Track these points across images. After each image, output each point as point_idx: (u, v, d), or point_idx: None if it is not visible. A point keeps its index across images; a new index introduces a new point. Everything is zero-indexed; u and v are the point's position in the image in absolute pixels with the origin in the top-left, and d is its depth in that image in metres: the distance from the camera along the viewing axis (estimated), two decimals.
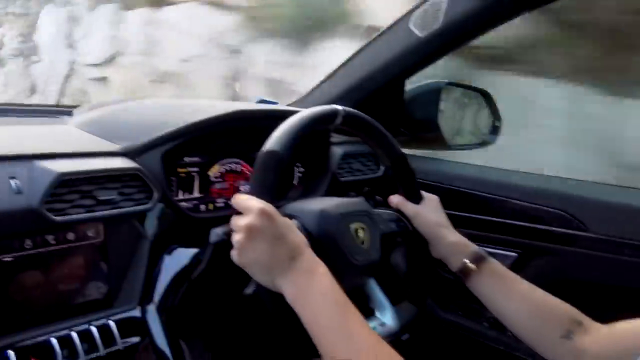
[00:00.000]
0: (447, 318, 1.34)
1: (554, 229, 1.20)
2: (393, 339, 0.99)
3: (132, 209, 0.91)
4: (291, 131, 0.86)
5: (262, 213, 0.76)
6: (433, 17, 1.16)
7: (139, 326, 0.91)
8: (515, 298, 0.93)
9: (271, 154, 0.83)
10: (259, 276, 0.78)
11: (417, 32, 1.19)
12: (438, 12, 1.15)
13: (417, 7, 1.20)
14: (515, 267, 1.23)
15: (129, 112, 1.17)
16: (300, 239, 0.79)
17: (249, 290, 0.84)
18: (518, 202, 1.24)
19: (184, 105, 1.24)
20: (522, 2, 1.08)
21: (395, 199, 1.03)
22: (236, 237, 0.78)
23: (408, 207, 1.01)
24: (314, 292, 0.74)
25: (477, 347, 1.29)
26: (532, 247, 1.23)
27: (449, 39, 1.18)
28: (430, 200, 1.03)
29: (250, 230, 0.76)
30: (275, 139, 0.85)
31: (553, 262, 1.21)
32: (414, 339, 1.39)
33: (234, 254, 0.79)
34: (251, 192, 0.81)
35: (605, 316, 0.85)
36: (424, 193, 1.04)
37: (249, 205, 0.78)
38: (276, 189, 0.83)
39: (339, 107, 0.94)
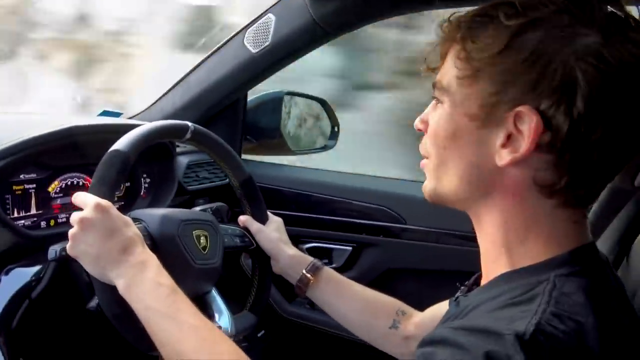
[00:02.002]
0: (294, 311, 1.44)
1: (379, 223, 1.35)
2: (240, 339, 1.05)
3: None
4: (139, 136, 0.89)
5: (97, 207, 0.79)
6: (264, 34, 1.24)
7: None
8: (348, 299, 1.03)
9: (115, 152, 0.86)
10: (90, 268, 0.80)
11: (250, 48, 1.27)
12: (268, 30, 1.23)
13: (249, 25, 1.28)
14: (351, 260, 1.37)
15: None
16: (134, 234, 0.81)
17: (92, 304, 0.87)
18: (350, 200, 1.38)
19: (18, 121, 1.21)
20: (339, 25, 1.20)
21: (243, 218, 1.10)
22: (71, 231, 0.79)
23: (253, 225, 1.09)
24: (144, 283, 0.78)
25: (323, 336, 1.40)
26: (363, 241, 1.37)
27: (279, 55, 1.27)
28: (274, 222, 1.11)
29: (83, 223, 0.78)
30: (121, 140, 0.88)
31: (381, 253, 1.36)
32: (268, 335, 1.49)
33: (68, 246, 0.80)
34: (92, 188, 0.83)
35: (427, 298, 0.97)
36: (269, 214, 1.12)
37: (85, 200, 0.80)
38: (116, 186, 0.85)
39: (190, 124, 0.98)
